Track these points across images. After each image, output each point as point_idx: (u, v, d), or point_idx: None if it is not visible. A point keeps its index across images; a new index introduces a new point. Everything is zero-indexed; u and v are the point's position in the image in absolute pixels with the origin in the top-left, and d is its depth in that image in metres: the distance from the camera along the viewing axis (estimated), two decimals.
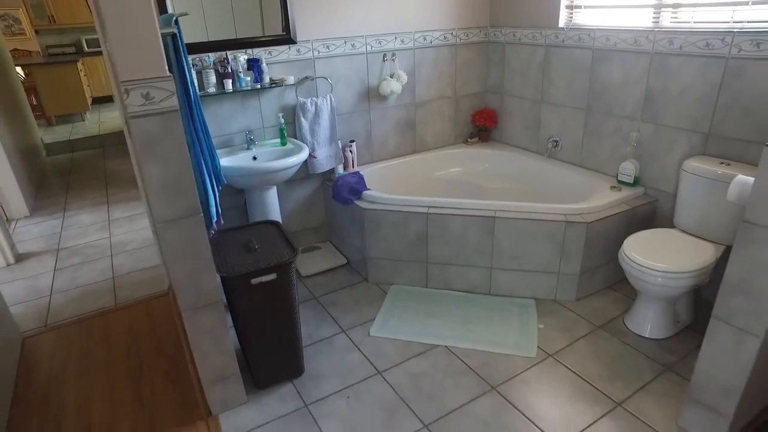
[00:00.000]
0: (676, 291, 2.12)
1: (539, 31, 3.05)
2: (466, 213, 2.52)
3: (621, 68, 2.66)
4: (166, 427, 1.96)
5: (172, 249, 1.63)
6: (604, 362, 2.18)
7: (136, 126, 1.44)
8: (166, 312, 2.73)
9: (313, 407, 2.01)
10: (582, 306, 2.56)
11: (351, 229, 2.87)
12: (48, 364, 2.38)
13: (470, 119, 3.56)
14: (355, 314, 2.58)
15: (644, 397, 1.99)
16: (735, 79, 2.20)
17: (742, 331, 1.54)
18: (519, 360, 2.21)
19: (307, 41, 2.73)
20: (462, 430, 1.87)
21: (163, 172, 1.53)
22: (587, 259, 2.50)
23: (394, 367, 2.20)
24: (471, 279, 2.65)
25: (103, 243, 3.63)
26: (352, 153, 3.06)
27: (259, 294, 1.89)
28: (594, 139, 2.90)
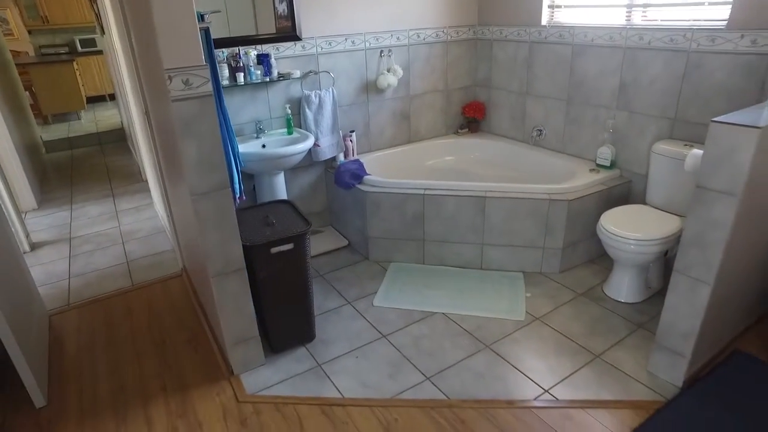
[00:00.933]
0: (647, 257, 2.39)
1: (524, 29, 3.32)
2: (459, 194, 2.76)
3: (597, 62, 2.93)
4: (193, 386, 2.18)
5: (204, 219, 1.85)
6: (585, 323, 2.44)
7: (176, 108, 1.66)
8: (182, 290, 2.93)
9: (326, 366, 2.24)
10: (565, 277, 2.82)
11: (352, 211, 3.10)
12: (76, 337, 2.57)
13: (461, 111, 3.82)
14: (358, 288, 2.81)
15: (619, 350, 2.25)
16: (695, 70, 2.47)
17: (696, 280, 1.81)
18: (509, 323, 2.46)
19: (312, 38, 2.96)
20: (460, 381, 2.11)
21: (198, 149, 1.75)
22: (569, 234, 2.76)
23: (397, 332, 2.44)
24: (464, 255, 2.90)
25: (113, 232, 3.82)
26: (353, 142, 3.29)
27: (278, 263, 2.11)
28: (574, 127, 3.17)
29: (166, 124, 1.92)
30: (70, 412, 2.07)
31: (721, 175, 1.65)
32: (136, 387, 2.19)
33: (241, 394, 2.11)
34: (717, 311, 1.94)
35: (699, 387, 2.00)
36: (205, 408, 2.05)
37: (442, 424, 1.90)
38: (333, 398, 2.06)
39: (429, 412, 1.96)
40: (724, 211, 1.67)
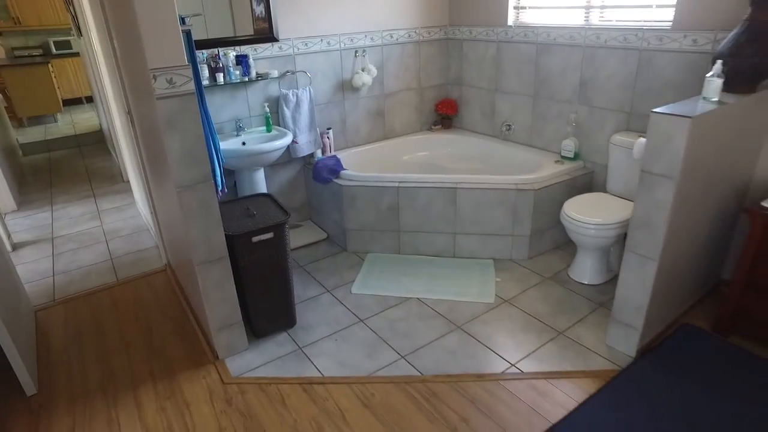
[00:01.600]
0: (606, 241, 2.57)
1: (491, 29, 3.48)
2: (431, 186, 2.91)
3: (560, 60, 3.11)
4: (180, 370, 2.28)
5: (189, 210, 1.96)
6: (550, 304, 2.61)
7: (161, 105, 1.77)
8: (166, 284, 3.02)
9: (306, 349, 2.37)
10: (533, 263, 2.99)
11: (330, 205, 3.23)
12: (62, 330, 2.65)
13: (434, 108, 3.97)
14: (337, 277, 2.94)
15: (581, 327, 2.42)
16: (647, 67, 2.66)
17: (644, 257, 1.98)
18: (480, 305, 2.61)
19: (288, 39, 3.08)
20: (432, 359, 2.26)
21: (181, 144, 1.86)
22: (536, 222, 2.93)
23: (373, 316, 2.57)
24: (437, 244, 3.05)
25: (95, 231, 3.88)
26: (330, 139, 3.41)
27: (259, 251, 2.23)
28: (540, 121, 3.35)
29: (151, 122, 2.03)
30: (60, 398, 2.16)
31: (661, 160, 1.83)
32: (124, 373, 2.28)
33: (226, 376, 2.22)
34: (664, 286, 2.12)
35: (650, 356, 2.18)
36: (192, 390, 2.15)
37: (415, 398, 2.04)
38: (313, 377, 2.19)
39: (404, 387, 2.10)
40: (665, 193, 1.85)
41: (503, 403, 1.99)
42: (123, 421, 2.02)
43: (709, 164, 1.99)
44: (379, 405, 2.02)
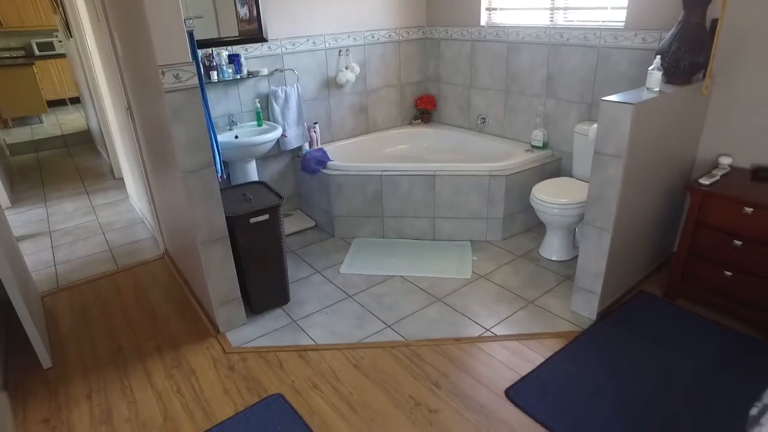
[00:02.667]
0: (571, 219, 2.84)
1: (466, 29, 3.74)
2: (411, 174, 3.16)
3: (528, 57, 3.38)
4: (184, 344, 2.48)
5: (193, 193, 2.17)
6: (522, 278, 2.87)
7: (168, 98, 1.98)
8: (165, 270, 3.22)
9: (300, 322, 2.59)
10: (507, 243, 3.26)
11: (318, 194, 3.45)
12: (69, 313, 2.83)
13: (413, 104, 4.22)
14: (326, 260, 3.17)
15: (549, 297, 2.69)
16: (604, 62, 2.95)
17: (600, 229, 2.25)
18: (458, 281, 2.86)
19: (277, 39, 3.29)
20: (415, 327, 2.50)
21: (187, 133, 2.08)
22: (509, 206, 3.19)
23: (361, 292, 2.80)
24: (418, 228, 3.30)
25: (91, 224, 4.04)
26: (316, 133, 3.64)
27: (256, 232, 2.45)
28: (512, 114, 3.62)
29: (156, 114, 2.23)
30: (74, 370, 2.35)
31: (610, 142, 2.10)
32: (132, 348, 2.48)
33: (227, 347, 2.43)
34: (619, 255, 2.39)
35: (608, 319, 2.45)
36: (196, 359, 2.36)
37: (401, 359, 2.28)
38: (308, 345, 2.41)
39: (390, 351, 2.34)
40: (615, 171, 2.12)
41: (479, 360, 2.25)
42: (135, 387, 2.22)
43: (654, 146, 2.27)
44: (368, 366, 2.25)
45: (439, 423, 1.94)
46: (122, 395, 2.18)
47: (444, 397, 2.06)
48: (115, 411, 2.09)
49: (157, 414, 2.07)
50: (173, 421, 2.02)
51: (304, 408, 2.04)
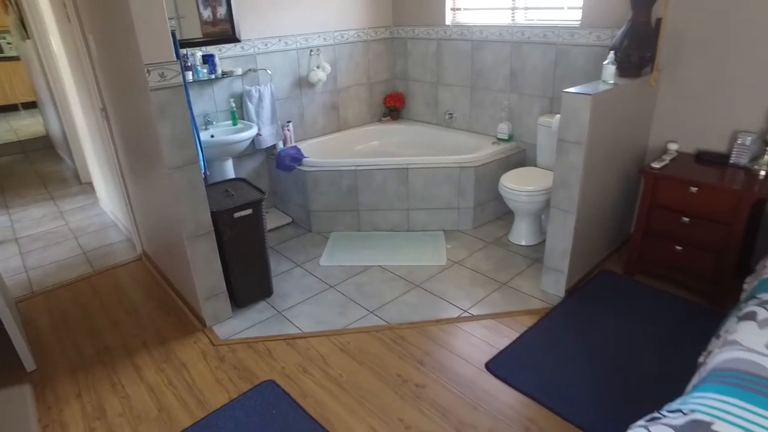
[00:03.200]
0: (537, 205, 3.02)
1: (432, 28, 3.90)
2: (385, 167, 3.28)
3: (492, 54, 3.56)
4: (171, 339, 2.53)
5: (179, 189, 2.23)
6: (494, 263, 3.04)
7: (154, 96, 2.04)
8: (144, 270, 3.23)
9: (285, 312, 2.67)
10: (478, 232, 3.42)
11: (294, 191, 3.53)
12: (48, 316, 2.81)
13: (382, 101, 4.35)
14: (305, 254, 3.25)
15: (520, 278, 2.86)
16: (563, 58, 3.15)
17: (565, 211, 2.44)
18: (434, 267, 3.00)
19: (250, 40, 3.35)
20: (397, 311, 2.62)
21: (172, 130, 2.13)
22: (478, 195, 3.35)
23: (342, 282, 2.91)
24: (393, 220, 3.42)
25: (61, 229, 3.98)
26: (290, 131, 3.71)
27: (240, 226, 2.52)
28: (478, 109, 3.80)
29: (140, 113, 2.27)
30: (61, 371, 2.35)
31: (571, 130, 2.28)
32: (118, 346, 2.50)
33: (215, 339, 2.49)
34: (583, 236, 2.58)
35: (575, 295, 2.64)
36: (185, 353, 2.41)
37: (385, 341, 2.40)
38: (295, 333, 2.50)
39: (374, 334, 2.45)
40: (577, 157, 2.30)
41: (459, 339, 2.39)
42: (126, 382, 2.26)
43: (610, 133, 2.47)
44: (355, 349, 2.36)
45: (426, 396, 2.06)
46: (113, 391, 2.21)
47: (429, 374, 2.18)
48: (107, 407, 2.13)
49: (151, 406, 2.11)
50: (168, 412, 2.08)
51: (297, 391, 2.13)
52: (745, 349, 1.29)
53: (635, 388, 2.04)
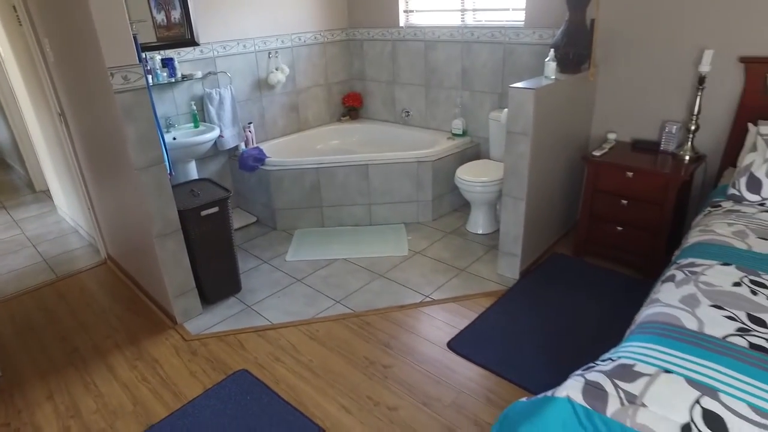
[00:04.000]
0: (491, 195, 3.21)
1: (387, 30, 4.04)
2: (346, 164, 3.40)
3: (444, 53, 3.74)
4: (142, 338, 2.57)
5: (146, 189, 2.28)
6: (453, 251, 3.20)
7: (119, 98, 2.09)
8: (110, 274, 3.23)
9: (255, 306, 2.76)
10: (437, 223, 3.59)
11: (258, 191, 3.60)
12: (11, 323, 2.79)
13: (341, 101, 4.47)
14: (271, 251, 3.34)
15: (478, 264, 3.03)
16: (510, 56, 3.35)
17: (516, 198, 2.62)
18: (396, 258, 3.15)
19: (209, 43, 3.41)
20: (362, 300, 2.75)
21: (137, 131, 2.19)
22: (436, 188, 3.52)
23: (308, 276, 3.01)
24: (356, 215, 3.55)
25: (17, 238, 3.91)
26: (251, 132, 3.78)
27: (207, 224, 2.59)
28: (433, 106, 3.97)
29: (103, 116, 2.31)
30: (29, 376, 2.36)
31: (518, 122, 2.47)
32: (88, 348, 2.53)
33: (187, 335, 2.55)
34: (533, 221, 2.78)
35: (529, 277, 2.84)
36: (158, 350, 2.46)
37: (352, 328, 2.52)
38: (265, 325, 2.59)
39: (342, 322, 2.57)
40: (524, 147, 2.49)
41: (422, 322, 2.54)
42: (98, 382, 2.29)
43: (554, 124, 2.67)
44: (324, 336, 2.47)
45: (393, 375, 2.20)
46: (86, 391, 2.24)
47: (395, 355, 2.32)
48: (81, 405, 2.16)
49: (126, 402, 2.16)
50: (143, 406, 2.13)
51: (270, 378, 2.23)
52: (664, 304, 1.49)
53: (581, 351, 2.24)
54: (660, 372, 1.23)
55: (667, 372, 1.23)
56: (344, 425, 1.97)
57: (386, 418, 1.98)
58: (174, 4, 3.23)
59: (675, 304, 1.49)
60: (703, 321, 1.40)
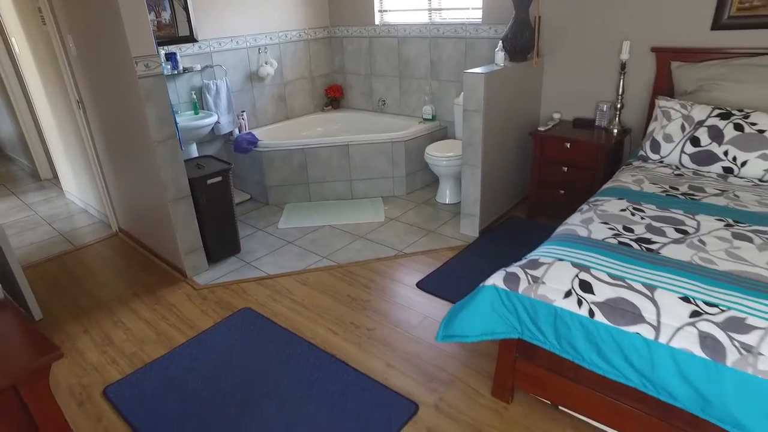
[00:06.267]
0: (456, 169, 3.72)
1: (364, 28, 4.54)
2: (329, 145, 3.88)
3: (415, 48, 4.24)
4: (158, 289, 3.02)
5: (163, 158, 2.74)
6: (423, 217, 3.71)
7: (142, 83, 2.55)
8: (122, 244, 3.67)
9: (253, 263, 3.22)
10: (410, 196, 4.09)
11: (251, 170, 4.07)
12: (41, 283, 3.21)
13: (324, 92, 4.95)
14: (265, 221, 3.80)
15: (444, 227, 3.54)
16: (471, 49, 3.88)
17: (473, 166, 3.14)
18: (374, 223, 3.64)
19: (206, 40, 3.87)
20: (345, 255, 3.23)
21: (156, 111, 2.65)
22: (409, 166, 4.02)
23: (298, 239, 3.49)
24: (338, 190, 4.03)
25: (32, 218, 4.30)
26: (244, 120, 4.24)
27: (212, 192, 3.05)
28: (406, 95, 4.48)
29: (126, 99, 2.76)
30: (65, 319, 2.80)
31: (472, 101, 2.98)
32: (112, 298, 2.97)
33: (196, 285, 3.01)
34: (490, 186, 3.29)
35: (487, 235, 3.35)
36: (173, 296, 2.92)
37: (337, 276, 3.00)
38: (263, 276, 3.06)
39: (328, 272, 3.05)
40: (477, 122, 3.00)
41: (395, 269, 3.03)
42: (125, 320, 2.74)
43: (505, 103, 3.19)
44: (313, 282, 2.95)
45: (371, 307, 2.69)
46: (115, 327, 2.69)
47: (373, 293, 2.81)
48: (113, 336, 2.61)
49: (151, 333, 2.62)
50: (165, 335, 2.59)
51: (269, 313, 2.70)
52: (569, 224, 2.01)
53: None
54: (555, 261, 1.74)
55: (560, 260, 1.74)
56: (332, 342, 2.45)
57: (365, 336, 2.47)
58: (164, 6, 3.67)
59: (576, 223, 2.01)
60: (591, 230, 1.92)
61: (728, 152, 2.46)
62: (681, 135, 2.61)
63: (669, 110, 2.70)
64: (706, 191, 2.30)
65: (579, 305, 1.60)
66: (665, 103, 2.74)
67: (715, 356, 1.38)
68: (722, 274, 1.62)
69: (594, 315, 1.58)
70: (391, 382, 2.17)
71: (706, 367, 1.39)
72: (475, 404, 2.04)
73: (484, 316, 1.80)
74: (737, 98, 2.63)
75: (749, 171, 2.41)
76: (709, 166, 2.53)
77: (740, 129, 2.44)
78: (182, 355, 2.42)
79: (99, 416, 2.10)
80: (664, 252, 1.76)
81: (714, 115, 2.54)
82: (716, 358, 1.38)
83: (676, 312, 1.48)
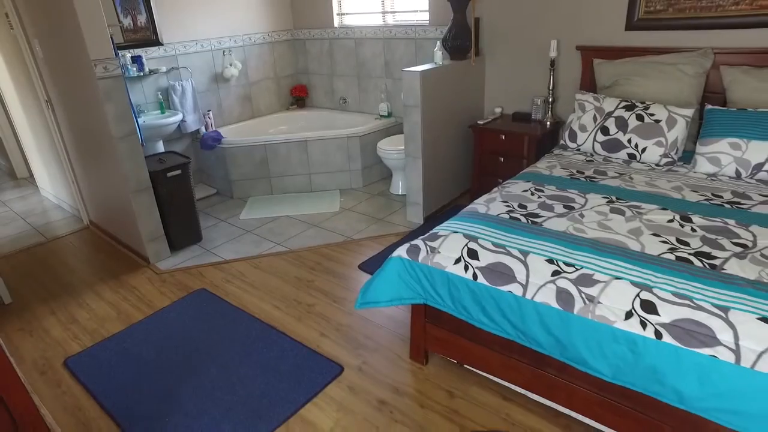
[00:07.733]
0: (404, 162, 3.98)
1: (324, 30, 4.79)
2: (289, 141, 4.13)
3: (371, 49, 4.50)
4: (122, 274, 3.25)
5: (124, 154, 2.98)
6: (375, 207, 3.96)
7: (101, 84, 2.78)
8: (93, 236, 3.89)
9: (213, 250, 3.46)
10: (366, 188, 4.34)
11: (217, 166, 4.30)
12: (12, 271, 3.42)
13: (289, 92, 5.19)
14: (228, 213, 4.04)
15: (393, 215, 3.80)
16: (420, 49, 4.14)
17: (414, 157, 3.39)
18: (329, 213, 3.89)
19: (171, 43, 4.10)
20: (299, 242, 3.48)
21: (115, 109, 2.88)
22: (365, 159, 4.27)
23: (257, 228, 3.73)
24: (298, 183, 4.28)
25: (6, 214, 4.50)
26: (210, 119, 4.47)
27: (172, 184, 3.29)
28: (365, 93, 4.73)
29: (88, 99, 2.99)
30: (34, 302, 3.02)
31: (411, 97, 3.24)
32: (79, 283, 3.19)
33: (158, 270, 3.25)
34: (433, 177, 3.55)
35: (431, 221, 3.61)
36: (135, 280, 3.15)
37: (287, 260, 3.25)
38: (220, 261, 3.30)
39: (280, 257, 3.30)
40: (416, 116, 3.26)
41: (342, 254, 3.28)
42: (89, 302, 2.97)
43: (444, 99, 3.45)
44: (265, 266, 3.20)
45: (315, 287, 2.94)
46: (80, 307, 2.92)
47: (318, 274, 3.06)
48: (77, 316, 2.84)
49: (112, 312, 2.85)
50: (125, 314, 2.82)
51: (222, 293, 2.94)
52: (474, 204, 2.27)
53: None
54: (451, 233, 2.01)
55: (455, 233, 2.00)
56: (275, 317, 2.70)
57: (305, 311, 2.72)
58: (140, 10, 3.91)
59: (481, 203, 2.27)
60: (490, 208, 2.19)
61: (631, 140, 2.74)
62: (593, 125, 2.89)
63: (584, 102, 2.98)
64: (607, 174, 2.57)
65: (465, 270, 1.87)
66: (581, 96, 3.01)
67: (566, 306, 1.65)
68: (588, 240, 1.89)
69: (477, 278, 1.84)
70: (322, 349, 2.42)
71: (560, 316, 1.66)
72: (395, 367, 2.30)
73: (392, 283, 2.05)
74: (644, 92, 2.91)
75: (648, 156, 2.69)
76: (617, 153, 2.80)
77: (641, 119, 2.72)
78: (139, 330, 2.66)
79: (59, 383, 2.34)
80: (546, 224, 2.03)
81: (621, 106, 2.82)
82: (567, 308, 1.64)
83: (540, 272, 1.75)
